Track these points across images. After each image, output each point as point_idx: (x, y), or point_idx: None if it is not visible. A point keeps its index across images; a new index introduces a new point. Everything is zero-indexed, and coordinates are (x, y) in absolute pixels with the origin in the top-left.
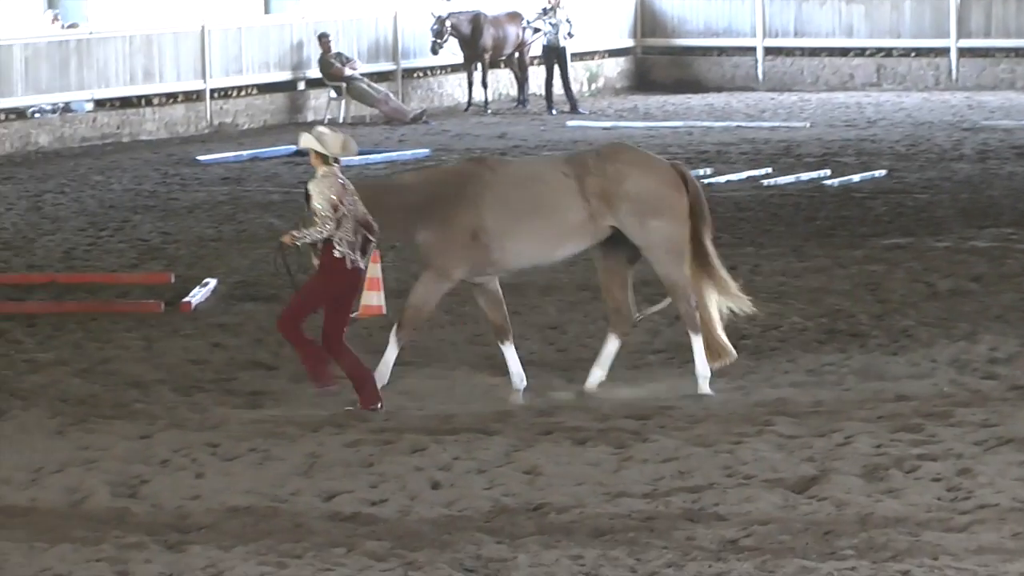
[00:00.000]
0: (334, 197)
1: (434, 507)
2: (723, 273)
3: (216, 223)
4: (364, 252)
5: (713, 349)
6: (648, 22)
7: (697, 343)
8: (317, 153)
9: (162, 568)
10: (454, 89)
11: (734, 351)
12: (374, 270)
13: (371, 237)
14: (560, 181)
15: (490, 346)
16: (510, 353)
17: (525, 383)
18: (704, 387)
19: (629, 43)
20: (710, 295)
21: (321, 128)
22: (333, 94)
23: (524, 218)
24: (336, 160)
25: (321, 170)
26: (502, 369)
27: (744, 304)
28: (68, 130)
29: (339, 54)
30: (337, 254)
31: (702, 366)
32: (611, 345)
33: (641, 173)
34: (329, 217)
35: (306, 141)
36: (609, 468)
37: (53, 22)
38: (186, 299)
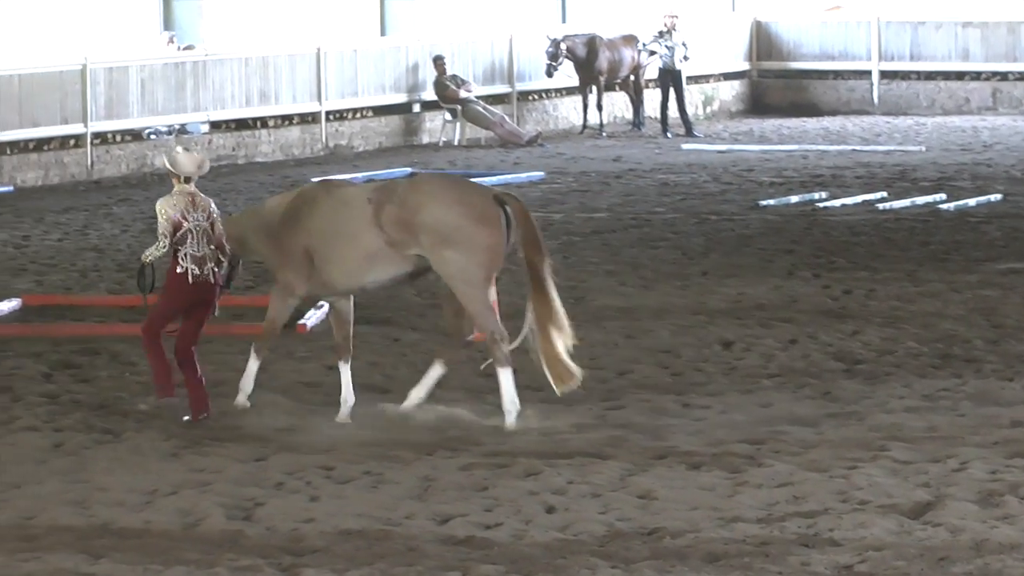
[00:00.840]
0: (176, 215)
1: (548, 531)
2: (556, 304)
3: None
4: (220, 267)
5: (557, 374)
6: (764, 45)
7: (505, 377)
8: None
9: None
10: (569, 112)
11: (579, 372)
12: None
13: (221, 257)
14: (362, 208)
15: (604, 370)
16: (345, 374)
17: (353, 402)
18: (511, 421)
19: (744, 66)
20: (549, 322)
21: (178, 149)
22: (448, 116)
23: (333, 242)
24: (188, 179)
25: (175, 188)
26: (615, 395)
27: (568, 341)
28: None
29: (454, 76)
30: (179, 269)
31: (509, 400)
32: (435, 371)
33: (439, 204)
34: (165, 234)
35: (162, 162)
36: (723, 493)
37: (169, 44)
38: (301, 321)
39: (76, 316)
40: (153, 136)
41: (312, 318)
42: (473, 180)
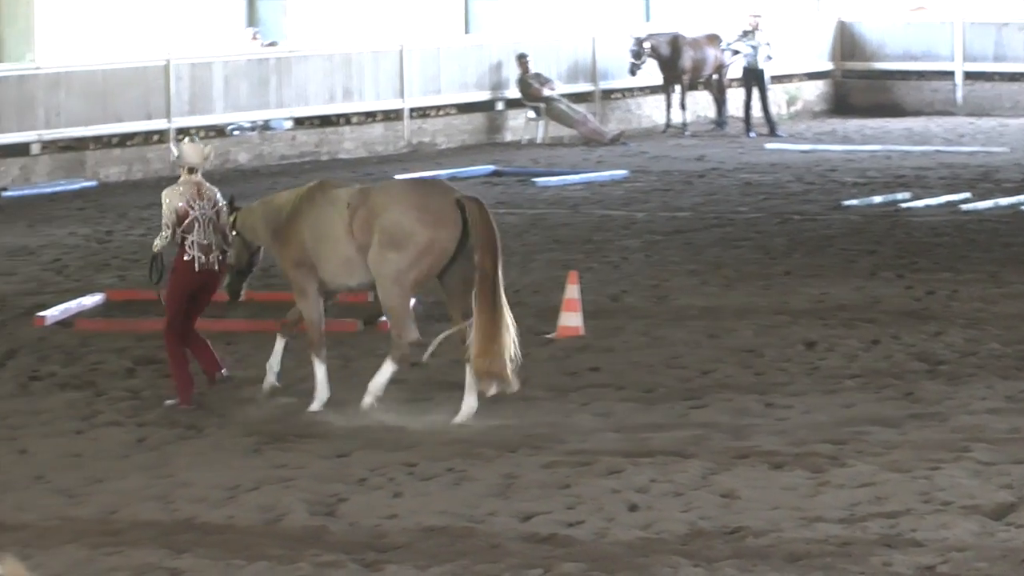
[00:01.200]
0: (180, 204)
1: (630, 529)
2: (503, 311)
3: None
4: (224, 255)
5: (486, 377)
6: (847, 45)
7: (387, 369)
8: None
9: None
10: (652, 111)
11: (516, 383)
12: (572, 291)
13: (224, 245)
14: (342, 210)
15: (687, 369)
16: (280, 345)
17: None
18: (368, 402)
19: (828, 66)
20: (497, 325)
21: (185, 140)
22: (531, 114)
23: (321, 244)
24: (193, 170)
25: (182, 178)
26: (697, 394)
27: (508, 351)
28: (267, 148)
29: (538, 75)
30: (187, 257)
31: (376, 385)
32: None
33: (396, 207)
34: (168, 224)
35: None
36: (805, 493)
37: (253, 40)
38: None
39: (159, 311)
40: (236, 132)
41: None
42: (441, 181)
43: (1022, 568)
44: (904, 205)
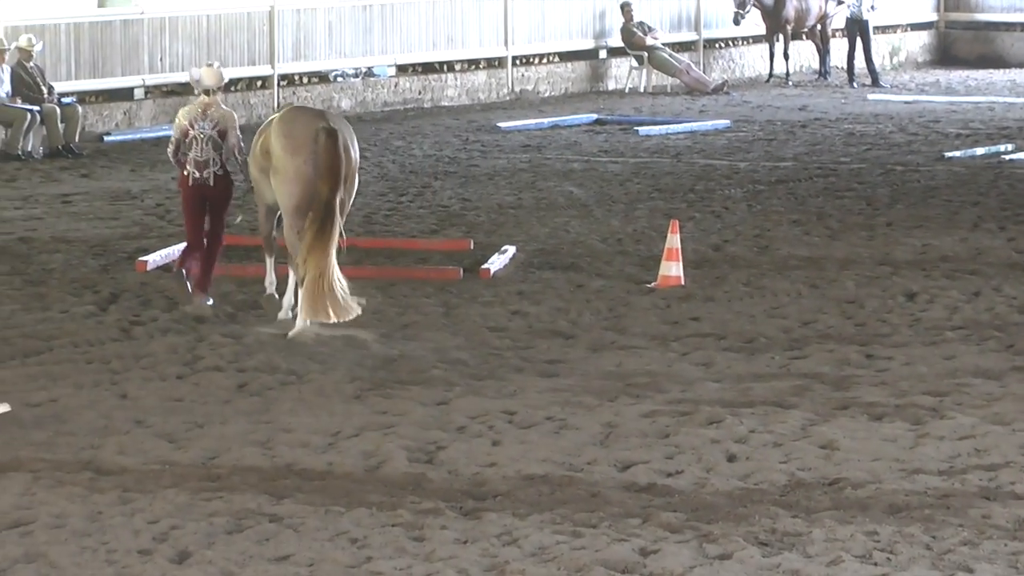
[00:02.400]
0: (184, 123)
1: (730, 480)
2: (332, 237)
3: (516, 191)
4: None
5: (309, 300)
6: None
7: (269, 264)
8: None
9: (457, 535)
10: (755, 60)
11: (356, 307)
12: (673, 241)
13: (237, 156)
14: (260, 136)
15: (788, 319)
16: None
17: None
18: (271, 292)
19: (932, 17)
20: (324, 247)
21: (205, 66)
22: (635, 63)
23: (253, 164)
24: (207, 92)
25: (197, 99)
26: (798, 344)
27: (338, 277)
28: (370, 95)
29: (641, 23)
30: (185, 172)
31: (269, 281)
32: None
33: (273, 135)
34: (173, 139)
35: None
36: (905, 444)
37: None
38: (485, 266)
39: (261, 257)
40: (340, 78)
41: (496, 263)
42: (317, 111)
43: None
44: (1007, 157)
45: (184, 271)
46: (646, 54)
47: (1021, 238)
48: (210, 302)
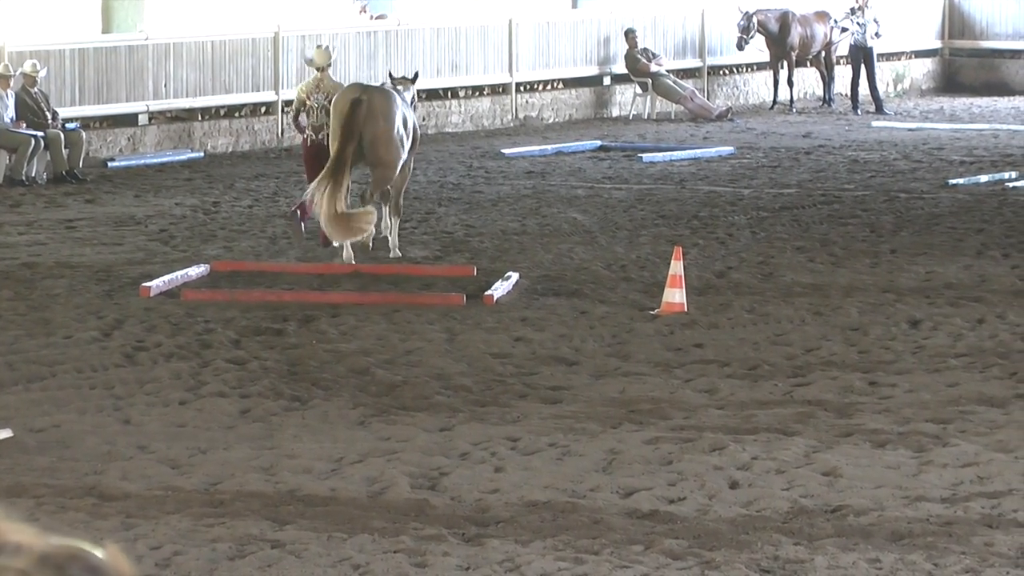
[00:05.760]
0: (302, 95)
1: (732, 507)
2: (344, 178)
3: (520, 217)
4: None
5: (336, 228)
6: (956, 24)
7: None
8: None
9: (460, 561)
10: (760, 87)
11: (363, 229)
12: (676, 267)
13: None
14: None
15: (792, 346)
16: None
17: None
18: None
19: (937, 44)
20: (337, 188)
21: (315, 47)
22: (639, 90)
23: None
24: (320, 69)
25: (312, 76)
26: (801, 371)
27: (340, 204)
28: None
29: (645, 50)
30: (303, 135)
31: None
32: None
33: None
34: (294, 108)
35: (306, 56)
36: (908, 472)
37: (361, 13)
38: (489, 292)
39: (265, 283)
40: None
41: (499, 289)
42: (364, 86)
43: None
44: (1011, 184)
45: (298, 213)
46: (650, 81)
47: None
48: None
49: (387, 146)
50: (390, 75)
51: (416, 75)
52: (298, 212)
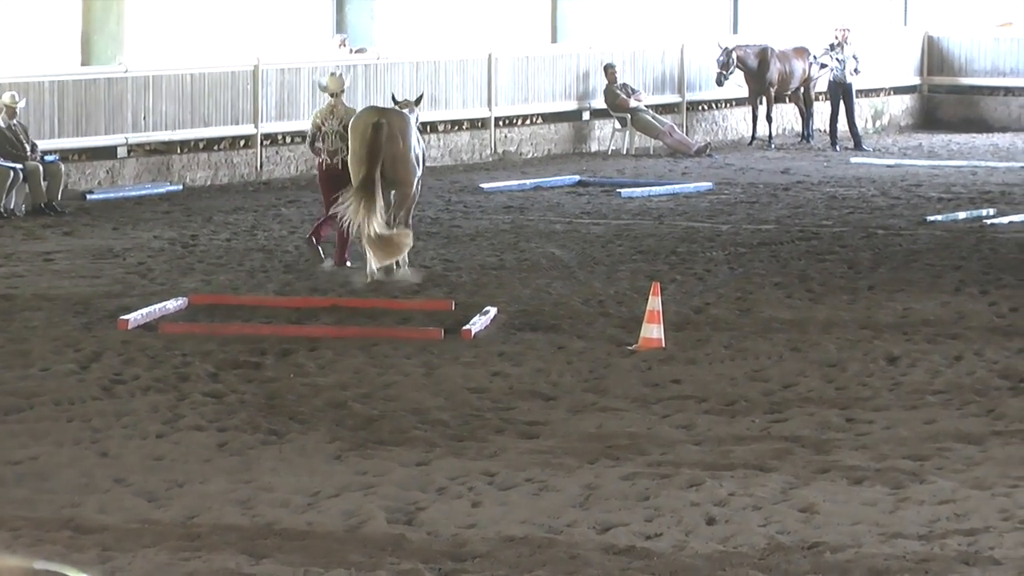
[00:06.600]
0: (318, 121)
1: (709, 543)
2: (377, 198)
3: (498, 251)
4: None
5: (377, 251)
6: (935, 60)
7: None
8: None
9: None
10: (738, 123)
11: (398, 251)
12: (654, 303)
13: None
14: None
15: (770, 382)
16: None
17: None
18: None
19: (915, 81)
20: (366, 208)
21: (328, 74)
22: (618, 125)
23: None
24: (333, 94)
25: (326, 102)
26: (779, 407)
27: (380, 226)
28: None
29: (625, 85)
30: (319, 160)
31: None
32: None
33: (349, 127)
34: (309, 134)
35: (320, 84)
36: (885, 508)
37: (341, 46)
38: (467, 327)
39: (243, 316)
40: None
41: (477, 324)
42: (382, 108)
43: None
44: (989, 221)
45: (314, 239)
46: (629, 116)
47: (1003, 302)
48: (349, 263)
49: (406, 166)
50: (393, 97)
51: (420, 97)
52: (313, 239)
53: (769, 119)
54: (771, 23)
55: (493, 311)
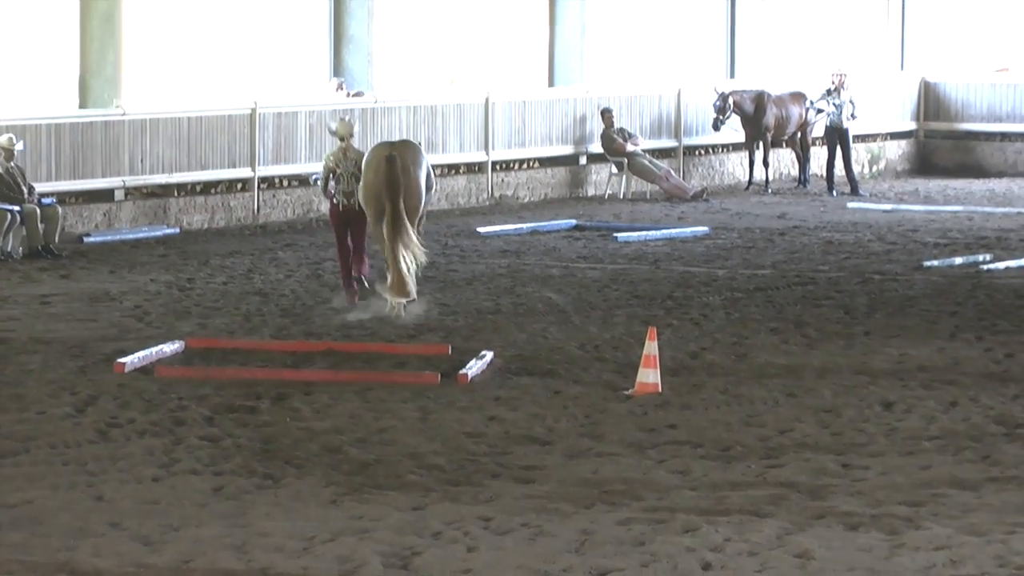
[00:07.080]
0: (331, 164)
1: None
2: (410, 231)
3: (494, 296)
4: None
5: (395, 285)
6: (931, 105)
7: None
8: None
9: None
10: (735, 167)
11: (414, 292)
12: (651, 348)
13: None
14: None
15: (765, 427)
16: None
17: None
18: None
19: (911, 126)
20: (394, 248)
21: (338, 119)
22: (614, 169)
23: None
24: (343, 139)
25: (336, 145)
26: (774, 453)
27: (420, 255)
28: None
29: (621, 130)
30: (334, 201)
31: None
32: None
33: (363, 163)
34: (322, 177)
35: (330, 127)
36: (881, 555)
37: (338, 90)
38: (463, 371)
39: (239, 360)
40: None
41: (473, 368)
42: (394, 142)
43: None
44: (986, 267)
45: (362, 279)
46: (626, 160)
47: (999, 348)
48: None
49: (416, 195)
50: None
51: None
52: (361, 278)
53: (766, 164)
54: (768, 68)
55: (489, 355)
